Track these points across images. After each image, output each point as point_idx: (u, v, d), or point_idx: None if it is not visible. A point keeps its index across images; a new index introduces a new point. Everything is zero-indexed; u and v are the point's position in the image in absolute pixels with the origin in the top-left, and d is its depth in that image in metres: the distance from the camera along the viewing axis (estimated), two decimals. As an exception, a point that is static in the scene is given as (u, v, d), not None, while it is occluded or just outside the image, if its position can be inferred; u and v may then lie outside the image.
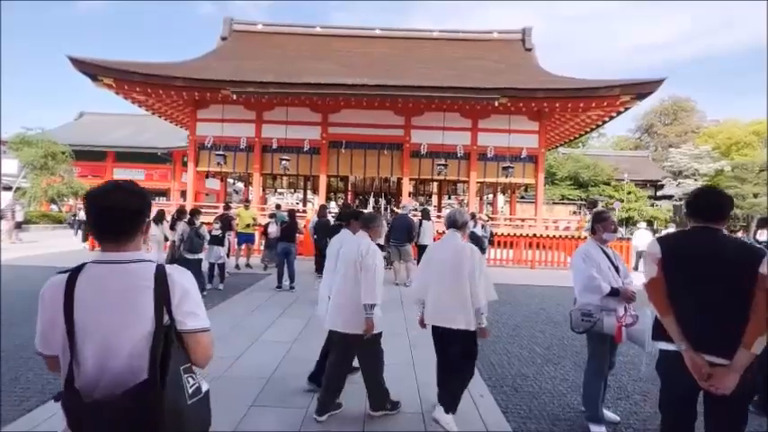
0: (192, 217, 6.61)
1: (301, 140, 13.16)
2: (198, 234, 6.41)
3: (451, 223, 3.05)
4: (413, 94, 11.22)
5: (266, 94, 11.40)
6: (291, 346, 4.58)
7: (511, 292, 7.91)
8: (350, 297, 2.90)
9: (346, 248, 3.06)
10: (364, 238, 3.02)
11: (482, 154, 13.35)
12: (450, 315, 2.86)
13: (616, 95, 11.32)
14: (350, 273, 2.92)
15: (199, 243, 6.54)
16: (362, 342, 2.93)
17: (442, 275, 2.89)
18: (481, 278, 2.83)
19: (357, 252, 2.90)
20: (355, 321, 2.89)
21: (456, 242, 2.93)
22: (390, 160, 13.52)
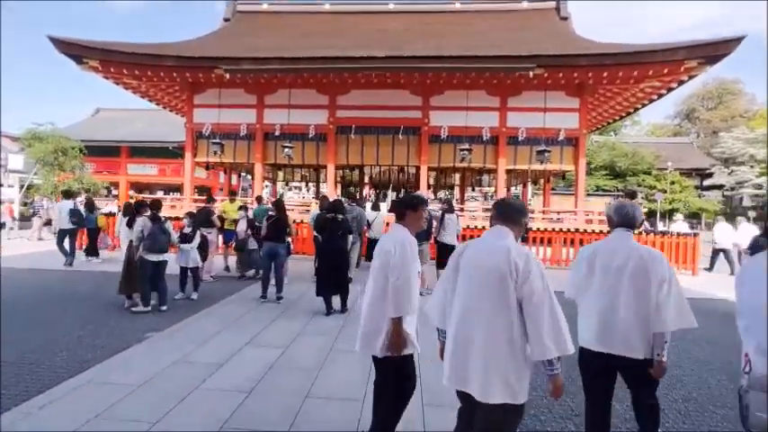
0: (154, 211, 5.23)
1: (306, 126, 11.66)
2: (163, 230, 5.02)
3: (625, 220, 2.29)
4: (432, 65, 9.50)
5: (263, 72, 9.94)
6: (245, 400, 3.06)
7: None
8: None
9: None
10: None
11: (512, 137, 11.47)
12: (627, 340, 2.12)
13: (680, 60, 9.21)
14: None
15: (164, 241, 5.16)
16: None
17: (616, 288, 2.16)
18: (671, 295, 2.08)
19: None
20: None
21: (632, 245, 2.22)
22: (406, 146, 11.84)
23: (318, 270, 5.22)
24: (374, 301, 2.29)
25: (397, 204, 2.48)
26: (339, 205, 5.51)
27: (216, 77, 10.76)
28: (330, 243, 5.31)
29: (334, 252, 5.24)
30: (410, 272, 2.18)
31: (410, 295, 2.17)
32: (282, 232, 6.13)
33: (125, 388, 3.16)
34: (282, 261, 6.11)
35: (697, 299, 6.43)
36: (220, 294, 6.35)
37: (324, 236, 5.40)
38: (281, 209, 6.15)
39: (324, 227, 5.40)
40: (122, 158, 24.22)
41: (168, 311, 5.38)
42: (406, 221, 2.36)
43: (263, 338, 4.43)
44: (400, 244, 2.22)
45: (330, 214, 5.40)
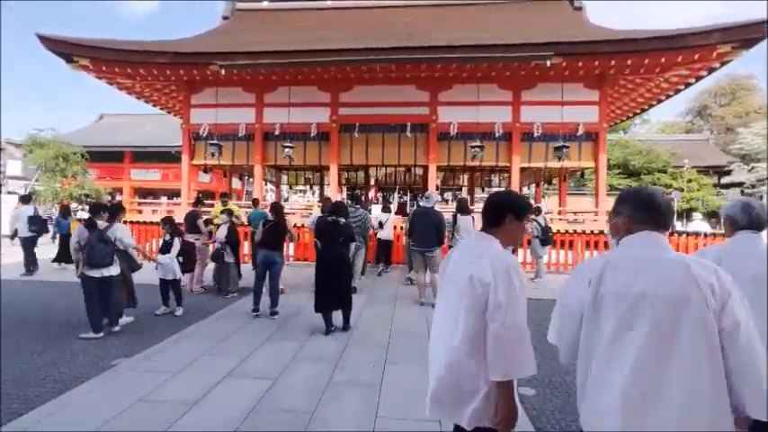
0: (93, 216, 4.45)
1: (307, 125, 10.98)
2: (103, 239, 4.28)
3: (755, 221, 1.84)
4: (442, 56, 8.75)
5: (260, 67, 9.28)
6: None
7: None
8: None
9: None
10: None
11: (527, 133, 10.67)
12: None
13: (712, 45, 8.37)
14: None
15: (105, 253, 4.30)
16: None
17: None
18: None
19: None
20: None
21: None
22: (413, 145, 11.10)
23: (317, 282, 4.48)
24: (462, 351, 1.53)
25: (491, 206, 1.66)
26: (340, 208, 4.78)
27: (212, 75, 10.13)
28: (330, 250, 4.57)
29: (335, 260, 4.51)
30: (521, 314, 1.49)
31: (523, 348, 1.48)
32: (280, 239, 5.43)
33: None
34: (278, 271, 5.39)
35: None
36: (209, 308, 5.65)
37: (323, 242, 4.67)
38: (280, 213, 5.43)
39: (323, 232, 4.66)
40: (126, 164, 23.82)
41: (146, 330, 4.69)
42: (502, 232, 1.61)
43: (250, 366, 3.70)
44: (504, 271, 1.48)
45: (331, 217, 4.65)
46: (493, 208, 1.65)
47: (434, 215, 5.77)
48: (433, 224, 5.68)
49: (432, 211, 5.82)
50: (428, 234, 5.70)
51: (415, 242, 5.87)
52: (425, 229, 5.73)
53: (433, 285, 5.84)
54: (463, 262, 1.59)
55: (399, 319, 5.27)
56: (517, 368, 1.46)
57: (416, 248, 5.84)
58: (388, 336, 4.58)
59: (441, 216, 5.81)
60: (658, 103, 11.52)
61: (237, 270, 6.46)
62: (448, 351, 1.55)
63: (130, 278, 5.01)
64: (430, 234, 5.69)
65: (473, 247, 1.63)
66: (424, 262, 5.85)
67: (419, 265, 5.92)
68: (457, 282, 1.57)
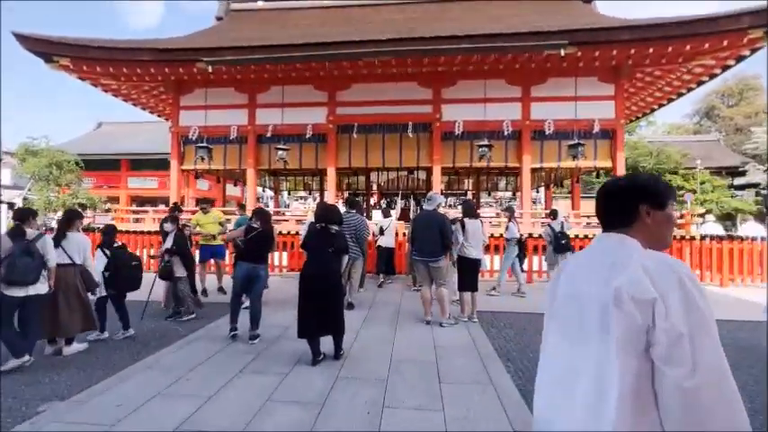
0: (19, 224, 3.65)
1: (303, 126, 10.26)
2: (27, 252, 3.49)
3: None
4: (445, 47, 8.01)
5: (250, 62, 8.59)
6: None
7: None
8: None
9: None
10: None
11: (538, 131, 9.88)
12: None
13: (743, 29, 7.57)
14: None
15: (30, 268, 3.50)
16: None
17: None
18: None
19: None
20: None
21: None
22: (416, 145, 10.34)
23: (300, 301, 3.68)
24: (625, 420, 0.89)
25: (612, 196, 1.12)
26: (331, 213, 3.96)
27: (201, 75, 9.48)
28: (316, 264, 3.76)
29: (322, 276, 3.70)
30: (717, 349, 0.90)
31: (731, 408, 0.86)
32: (266, 250, 4.65)
33: None
34: (262, 288, 4.60)
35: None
36: (181, 330, 4.86)
37: (309, 253, 3.87)
38: (266, 219, 4.65)
39: (309, 241, 3.86)
40: (123, 172, 23.28)
41: (99, 359, 3.91)
42: (640, 229, 1.06)
43: (211, 412, 2.89)
44: (676, 283, 0.93)
45: (319, 224, 3.85)
46: (616, 199, 1.11)
47: (437, 219, 4.95)
48: (436, 229, 4.87)
49: (434, 215, 5.01)
50: (431, 241, 4.89)
51: (416, 251, 5.07)
52: (428, 235, 4.92)
53: (439, 301, 5.02)
54: (590, 275, 1.05)
55: (401, 342, 4.45)
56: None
57: (418, 258, 5.03)
58: (387, 366, 3.76)
59: (445, 220, 5.00)
60: (678, 97, 10.70)
61: (191, 287, 5.38)
62: (593, 420, 0.91)
63: (86, 298, 4.24)
64: (433, 241, 4.88)
65: (602, 254, 1.06)
66: (429, 273, 5.04)
67: (423, 277, 5.11)
68: (583, 305, 1.03)
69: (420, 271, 5.13)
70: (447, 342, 4.44)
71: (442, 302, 4.99)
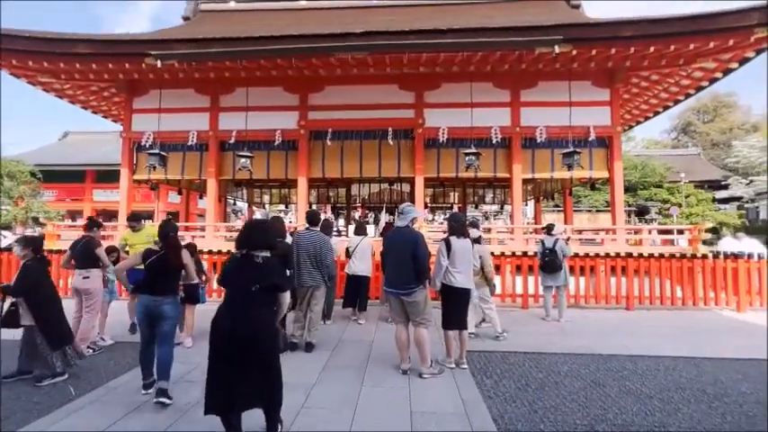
0: None
1: (271, 131, 9.14)
2: None
3: None
4: (426, 41, 7.05)
5: (204, 57, 7.48)
6: None
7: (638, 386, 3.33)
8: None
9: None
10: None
11: (529, 138, 8.98)
12: None
13: (750, 27, 6.85)
14: None
15: None
16: None
17: None
18: None
19: None
20: None
21: None
22: (397, 153, 9.31)
23: (210, 364, 2.48)
24: None
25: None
26: (258, 232, 2.72)
27: (154, 73, 8.34)
28: (235, 312, 2.51)
29: (244, 334, 2.46)
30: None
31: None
32: (171, 279, 3.44)
33: None
34: (172, 330, 3.38)
35: None
36: (96, 380, 3.58)
37: (226, 295, 2.66)
38: (170, 239, 3.47)
39: (226, 276, 2.66)
40: (87, 184, 21.62)
41: None
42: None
43: None
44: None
45: (241, 251, 2.64)
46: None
47: (410, 239, 3.81)
48: (408, 253, 3.75)
49: (407, 234, 3.87)
50: (403, 267, 3.76)
51: (386, 280, 3.93)
52: (399, 259, 3.79)
53: (418, 345, 3.86)
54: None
55: (367, 408, 3.26)
56: None
57: (389, 289, 3.88)
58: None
59: (419, 240, 3.84)
60: (675, 105, 10.01)
61: (47, 337, 3.65)
62: None
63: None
64: (405, 267, 3.75)
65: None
66: (403, 309, 3.89)
67: (397, 314, 3.95)
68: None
69: (393, 306, 3.97)
70: (428, 405, 3.27)
71: (422, 347, 3.82)
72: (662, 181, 24.62)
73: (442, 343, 4.28)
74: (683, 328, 5.73)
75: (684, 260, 7.04)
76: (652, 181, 24.45)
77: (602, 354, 4.55)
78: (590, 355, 4.52)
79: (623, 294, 6.97)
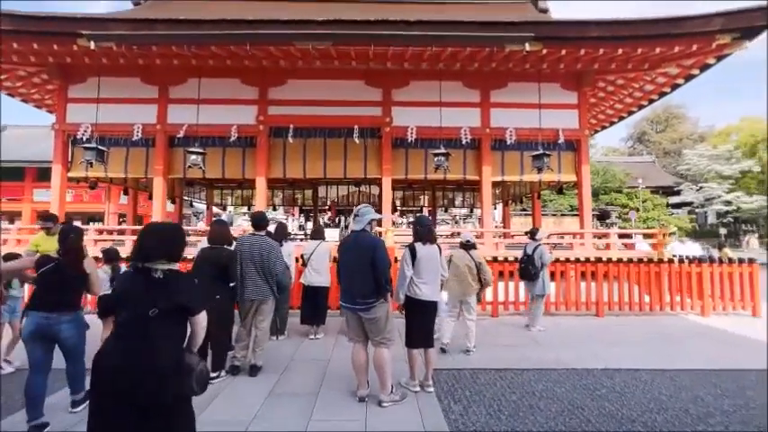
0: None
1: (226, 126, 8.38)
2: None
3: None
4: (392, 33, 6.59)
5: (146, 41, 6.65)
6: None
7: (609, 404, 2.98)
8: None
9: None
10: None
11: (498, 140, 8.72)
12: None
13: (712, 33, 6.88)
14: None
15: None
16: None
17: None
18: None
19: None
20: None
21: None
22: (363, 153, 8.78)
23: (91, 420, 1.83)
24: None
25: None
26: (154, 238, 1.96)
27: (91, 57, 7.39)
28: (125, 348, 1.83)
29: (134, 379, 1.78)
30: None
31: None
32: (70, 292, 2.75)
33: None
34: (79, 346, 2.69)
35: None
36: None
37: (116, 324, 1.99)
38: (69, 242, 2.78)
39: (119, 299, 2.00)
40: (27, 182, 19.64)
41: None
42: None
43: None
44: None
45: (138, 263, 1.97)
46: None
47: (369, 245, 3.29)
48: (366, 261, 3.23)
49: (364, 240, 3.35)
50: (360, 278, 3.24)
51: (342, 293, 3.38)
52: (356, 268, 3.26)
53: (378, 368, 3.33)
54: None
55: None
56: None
57: (345, 304, 3.34)
58: None
59: (378, 246, 3.33)
60: (639, 110, 10.10)
61: None
62: None
63: None
64: (362, 278, 3.23)
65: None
66: (361, 326, 3.35)
67: (354, 331, 3.40)
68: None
69: (350, 323, 3.42)
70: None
71: (382, 371, 3.29)
72: (621, 186, 25.55)
73: (405, 360, 3.77)
74: (654, 336, 5.54)
75: (651, 265, 6.93)
76: (612, 186, 25.31)
77: (576, 368, 4.19)
78: (565, 370, 4.16)
79: (593, 300, 6.76)
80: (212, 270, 3.68)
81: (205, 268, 3.69)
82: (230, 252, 3.82)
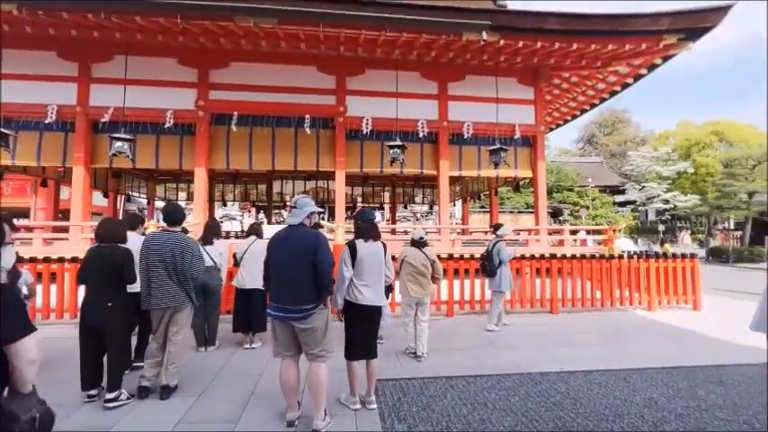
0: None
1: (160, 111, 7.47)
2: None
3: None
4: (344, 13, 6.03)
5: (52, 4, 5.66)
6: None
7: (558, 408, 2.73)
8: None
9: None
10: None
11: (456, 134, 8.45)
12: None
13: (660, 32, 6.96)
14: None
15: None
16: None
17: None
18: None
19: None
20: None
21: None
22: (316, 145, 8.18)
23: None
24: None
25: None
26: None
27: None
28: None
29: None
30: None
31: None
32: None
33: None
34: None
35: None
36: None
37: None
38: None
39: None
40: (-67, 173, 17.02)
41: None
42: None
43: None
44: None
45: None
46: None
47: (308, 242, 2.77)
48: (305, 261, 2.73)
49: (303, 236, 2.83)
50: (295, 281, 2.72)
51: (272, 298, 2.84)
52: (292, 270, 2.74)
53: (312, 389, 2.82)
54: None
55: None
56: None
57: (275, 313, 2.80)
58: None
59: (322, 241, 2.82)
60: (591, 108, 10.25)
61: None
62: None
63: None
64: (300, 280, 2.72)
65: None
66: (294, 338, 2.84)
67: (284, 345, 2.87)
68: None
69: (279, 335, 2.88)
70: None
71: (317, 392, 2.79)
72: (573, 185, 26.60)
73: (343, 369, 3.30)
74: (606, 333, 5.45)
75: (603, 261, 6.92)
76: (565, 185, 26.28)
77: (531, 372, 3.92)
78: (519, 375, 3.87)
79: (548, 297, 6.64)
80: (103, 273, 3.01)
81: (94, 272, 3.00)
82: (124, 251, 3.16)
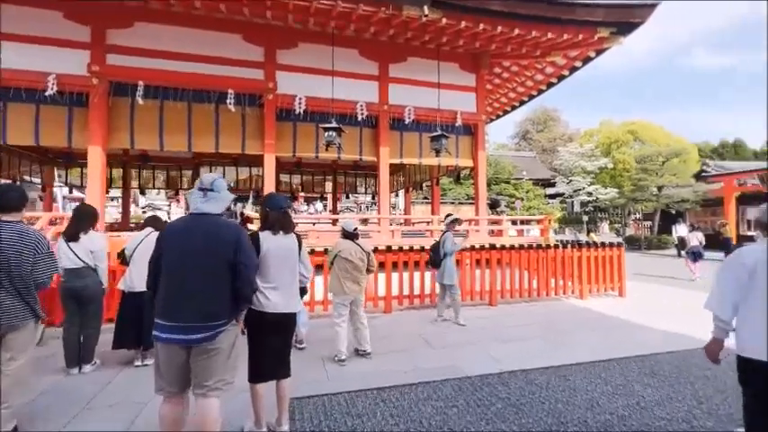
0: None
1: (39, 75, 6.02)
2: None
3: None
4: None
5: None
6: None
7: None
8: None
9: None
10: None
11: (397, 119, 7.95)
12: None
13: (595, 24, 7.00)
14: None
15: None
16: None
17: None
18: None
19: None
20: None
21: None
22: (241, 124, 7.20)
23: None
24: None
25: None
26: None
27: None
28: None
29: None
30: None
31: None
32: None
33: None
34: None
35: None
36: None
37: None
38: None
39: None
40: None
41: None
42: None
43: None
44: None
45: None
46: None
47: (227, 235, 2.10)
48: (219, 259, 2.05)
49: (220, 226, 2.13)
50: (202, 288, 2.02)
51: (162, 312, 2.05)
52: (197, 273, 2.01)
53: (203, 428, 2.13)
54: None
55: None
56: None
57: (164, 334, 2.02)
58: None
59: (242, 236, 2.16)
60: (530, 99, 10.33)
61: None
62: None
63: None
64: (208, 287, 2.02)
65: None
66: (185, 368, 2.10)
67: (172, 378, 2.09)
68: None
69: (166, 364, 2.09)
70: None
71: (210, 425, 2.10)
72: (509, 178, 27.73)
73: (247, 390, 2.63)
74: (543, 325, 5.33)
75: (540, 251, 6.90)
76: (502, 177, 27.30)
77: (471, 376, 3.55)
78: (458, 380, 3.48)
79: (487, 290, 6.45)
80: None
81: None
82: None
